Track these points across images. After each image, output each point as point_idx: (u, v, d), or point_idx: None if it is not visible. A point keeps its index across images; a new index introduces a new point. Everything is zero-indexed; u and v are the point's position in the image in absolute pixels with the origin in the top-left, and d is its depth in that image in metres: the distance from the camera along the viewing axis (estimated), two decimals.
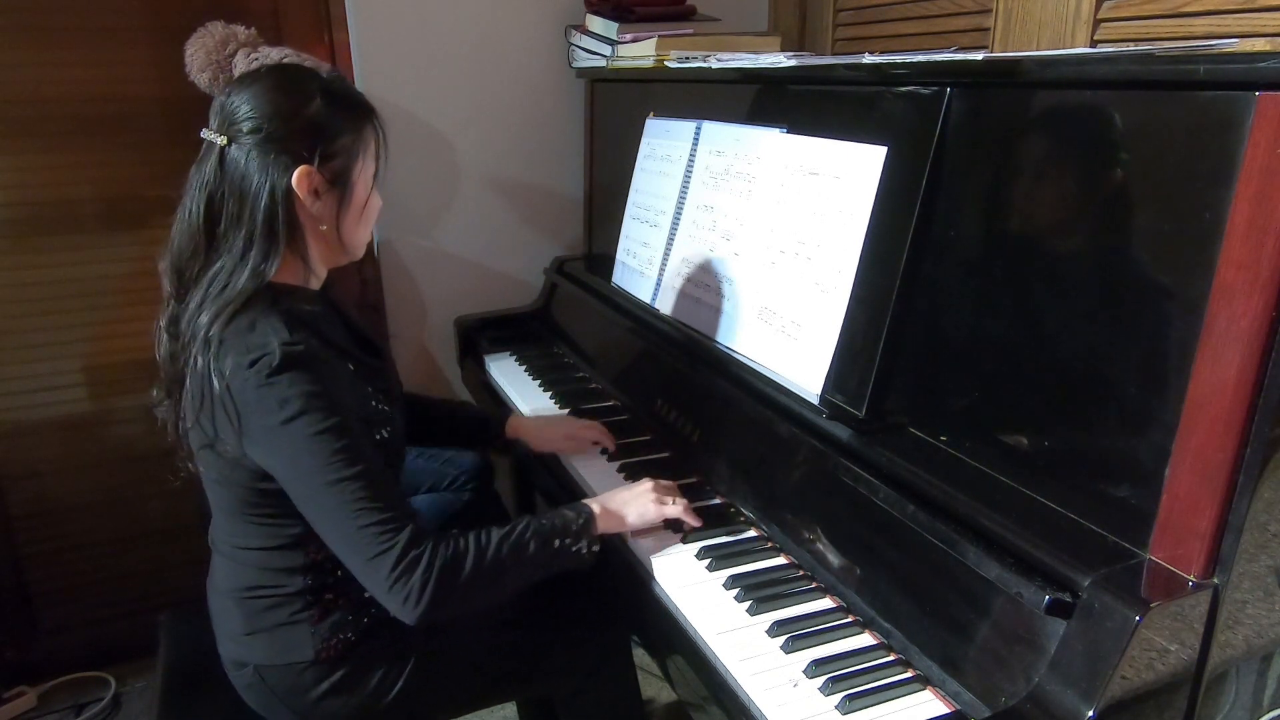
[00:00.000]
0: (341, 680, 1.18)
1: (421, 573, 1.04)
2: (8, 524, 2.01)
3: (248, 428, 1.04)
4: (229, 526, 1.17)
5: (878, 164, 1.19)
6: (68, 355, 1.99)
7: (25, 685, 2.06)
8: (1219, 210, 0.80)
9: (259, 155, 1.07)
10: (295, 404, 1.02)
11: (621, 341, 1.78)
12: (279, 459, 1.05)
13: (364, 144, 1.15)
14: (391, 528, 1.04)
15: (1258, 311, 0.78)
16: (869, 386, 1.18)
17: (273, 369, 1.01)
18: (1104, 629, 0.81)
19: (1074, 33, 1.44)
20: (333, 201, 1.13)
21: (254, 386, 1.02)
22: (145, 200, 1.95)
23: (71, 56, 1.83)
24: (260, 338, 1.03)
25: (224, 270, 1.07)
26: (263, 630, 1.17)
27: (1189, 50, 0.84)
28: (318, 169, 1.09)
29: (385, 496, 1.06)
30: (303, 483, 1.05)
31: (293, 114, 1.08)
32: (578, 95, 2.21)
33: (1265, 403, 0.79)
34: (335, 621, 1.17)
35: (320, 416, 1.03)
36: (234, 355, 1.03)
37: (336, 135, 1.11)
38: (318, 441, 1.03)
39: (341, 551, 1.07)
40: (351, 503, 1.03)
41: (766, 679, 1.01)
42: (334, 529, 1.06)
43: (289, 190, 1.08)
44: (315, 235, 1.14)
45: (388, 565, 1.04)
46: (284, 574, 1.16)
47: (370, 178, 1.17)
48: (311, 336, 1.08)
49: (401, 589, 1.04)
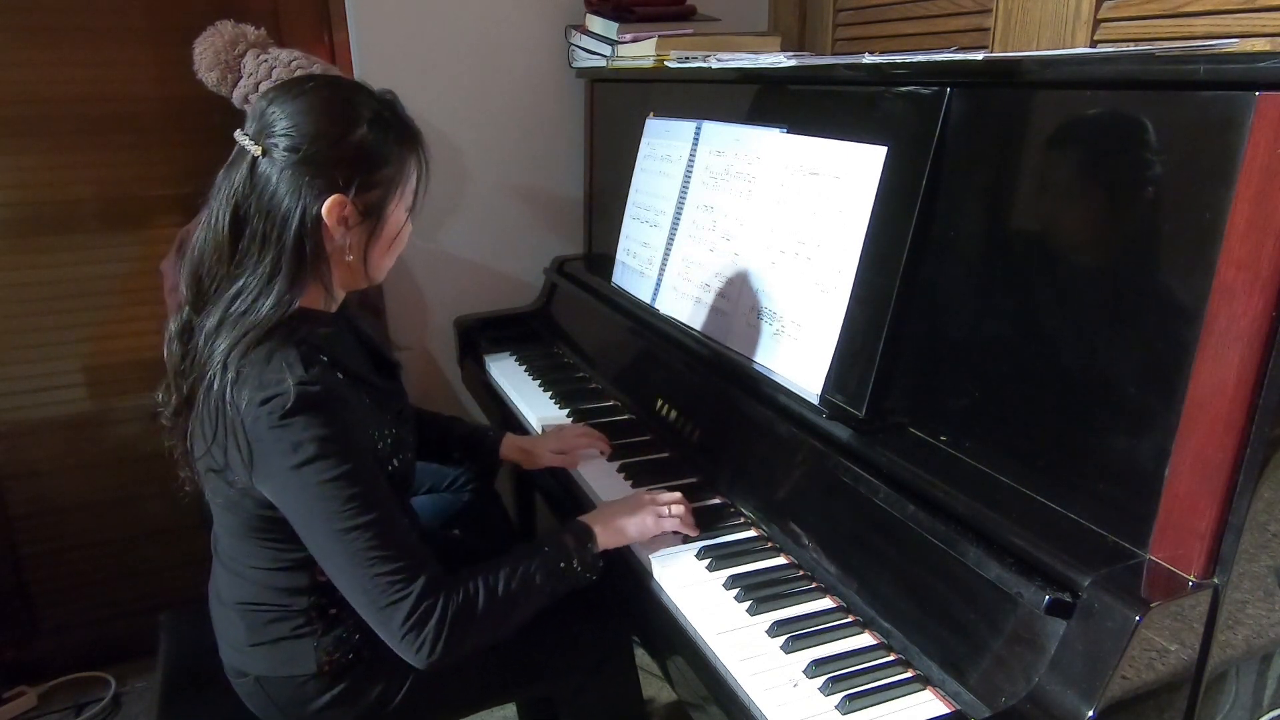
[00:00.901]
0: (343, 693, 1.17)
1: (435, 623, 1.03)
2: (8, 524, 2.01)
3: (258, 465, 1.01)
4: (234, 546, 1.16)
5: (878, 164, 1.19)
6: (68, 355, 1.99)
7: (25, 685, 2.06)
8: (1219, 210, 0.80)
9: (293, 175, 1.02)
10: (308, 449, 0.99)
11: (621, 341, 1.78)
12: (289, 501, 1.03)
13: (405, 176, 1.10)
14: (404, 577, 1.02)
15: (1258, 311, 0.78)
16: (869, 386, 1.18)
17: (286, 410, 0.98)
18: (1104, 629, 0.81)
19: (1074, 33, 1.44)
20: (363, 233, 1.08)
21: (266, 426, 0.99)
22: (145, 200, 1.95)
23: (71, 56, 1.83)
24: (275, 373, 0.99)
25: (247, 292, 1.03)
26: (265, 643, 1.16)
27: (1189, 50, 0.84)
28: (352, 200, 1.04)
29: (398, 544, 1.03)
30: (313, 528, 1.03)
31: (336, 139, 1.03)
32: (578, 95, 2.21)
33: (1265, 403, 0.79)
34: (338, 636, 1.16)
35: (334, 463, 1.00)
36: (249, 389, 0.99)
37: (378, 167, 1.06)
38: (330, 488, 1.00)
39: (353, 597, 1.05)
40: (364, 551, 1.01)
41: (766, 679, 1.01)
42: (345, 576, 1.04)
43: (318, 216, 1.03)
44: (340, 264, 1.10)
45: (401, 615, 1.02)
46: (288, 593, 1.14)
47: (406, 210, 1.12)
48: (328, 370, 1.04)
49: (415, 639, 1.03)
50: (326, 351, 1.06)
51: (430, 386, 2.27)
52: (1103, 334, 0.93)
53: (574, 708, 1.40)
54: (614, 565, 1.28)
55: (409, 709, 1.21)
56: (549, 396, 1.81)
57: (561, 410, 1.74)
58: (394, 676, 1.20)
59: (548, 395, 1.82)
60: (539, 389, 1.85)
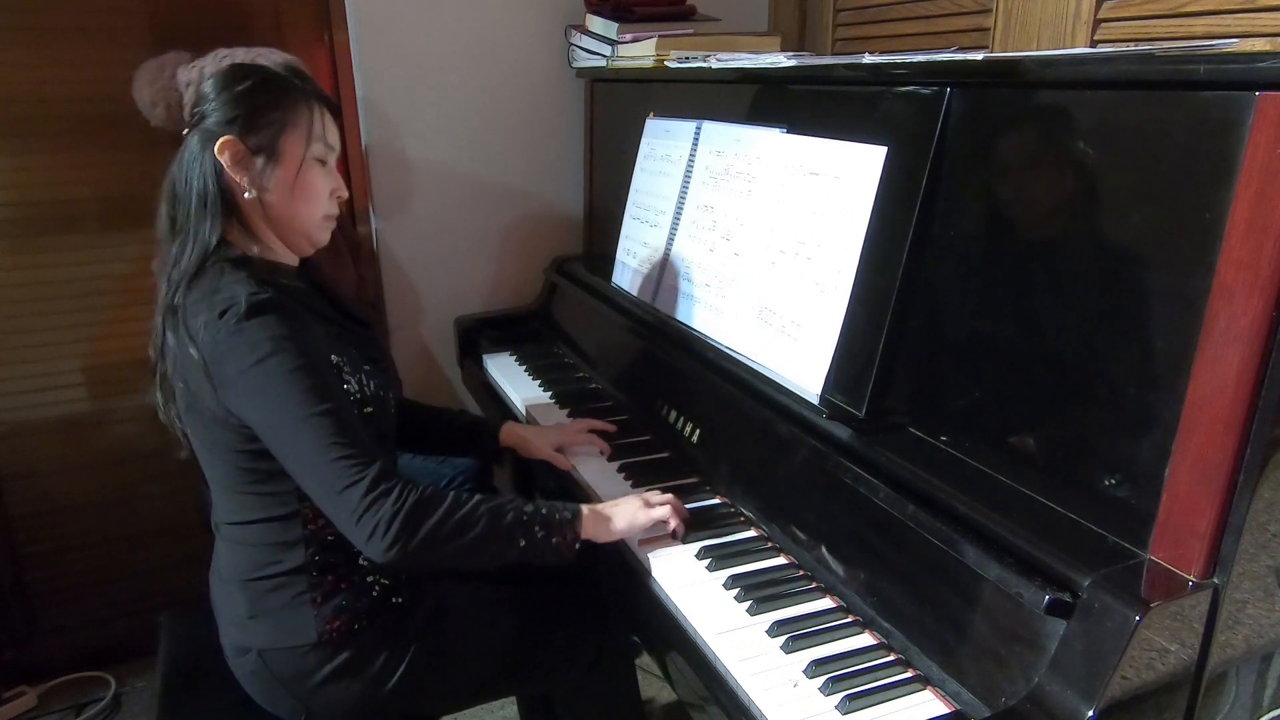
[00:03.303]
0: (344, 664, 1.18)
1: (391, 505, 1.06)
2: (8, 524, 2.01)
3: (221, 377, 1.07)
4: (227, 503, 1.19)
5: (878, 164, 1.19)
6: (68, 355, 1.99)
7: (25, 685, 2.06)
8: (1219, 210, 0.80)
9: (199, 139, 1.14)
10: (265, 345, 1.06)
11: (621, 341, 1.78)
12: (252, 402, 1.08)
13: (294, 119, 1.18)
14: (362, 461, 1.07)
15: (1258, 311, 0.78)
16: (869, 386, 1.18)
17: (240, 315, 1.06)
18: (1104, 629, 0.81)
19: (1074, 33, 1.44)
20: (255, 169, 1.16)
21: (225, 335, 1.06)
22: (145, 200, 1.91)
23: (71, 56, 1.83)
24: (226, 292, 1.08)
25: (183, 253, 1.13)
26: (266, 613, 1.18)
27: (1189, 50, 0.84)
28: (240, 138, 1.14)
29: (355, 434, 1.09)
30: (276, 421, 1.07)
31: (225, 97, 1.15)
32: (578, 95, 2.21)
33: (1265, 403, 0.79)
34: (337, 604, 1.18)
35: (290, 357, 1.06)
36: (203, 314, 1.07)
37: (262, 110, 1.16)
38: (290, 379, 1.06)
39: (312, 488, 1.09)
40: (323, 437, 1.06)
41: (766, 679, 1.01)
42: (306, 464, 1.08)
43: (214, 160, 1.13)
44: (249, 205, 1.18)
45: (356, 495, 1.06)
46: (284, 548, 1.17)
47: (301, 152, 1.19)
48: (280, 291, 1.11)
49: (370, 520, 1.06)
50: (275, 283, 1.14)
51: (430, 386, 2.27)
52: (1103, 334, 0.93)
53: (573, 706, 1.40)
54: (614, 564, 1.28)
55: (408, 688, 1.22)
56: (549, 396, 1.81)
57: (561, 410, 1.74)
58: (395, 649, 1.21)
59: (548, 395, 1.82)
60: (539, 389, 1.85)
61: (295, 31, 1.98)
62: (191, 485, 1.85)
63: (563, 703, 1.41)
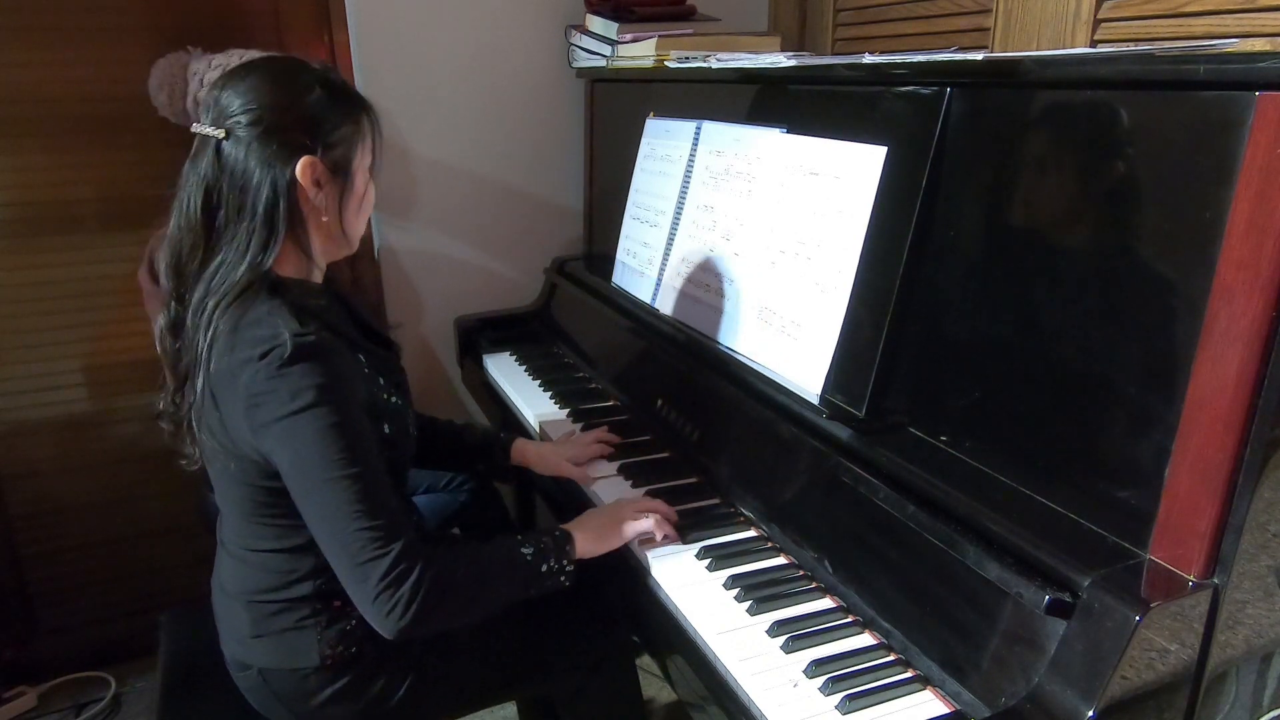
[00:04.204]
0: (345, 687, 1.17)
1: (410, 586, 1.03)
2: (8, 524, 2.01)
3: (257, 419, 1.03)
4: (240, 528, 1.17)
5: (878, 164, 1.19)
6: (68, 355, 1.99)
7: (25, 685, 2.06)
8: (1219, 210, 0.80)
9: (260, 147, 1.06)
10: (307, 395, 1.01)
11: (621, 341, 1.78)
12: (284, 450, 1.04)
13: (362, 134, 1.15)
14: (385, 535, 1.03)
15: (1258, 311, 0.78)
16: (869, 386, 1.18)
17: (284, 360, 1.00)
18: (1104, 629, 0.81)
19: (1074, 33, 1.44)
20: (334, 192, 1.13)
21: (265, 378, 1.01)
22: (145, 200, 1.95)
23: (71, 56, 1.83)
24: (270, 329, 1.02)
25: (226, 265, 1.07)
26: (269, 634, 1.16)
27: (1189, 50, 0.84)
28: (320, 159, 1.09)
29: (383, 503, 1.04)
30: (304, 476, 1.03)
31: (292, 104, 1.08)
32: (578, 95, 2.21)
33: (1265, 403, 0.79)
34: (342, 629, 1.16)
35: (330, 410, 1.02)
36: (244, 348, 1.02)
37: (337, 125, 1.11)
38: (325, 436, 1.02)
39: (332, 552, 1.05)
40: (350, 503, 1.02)
41: (766, 679, 1.01)
42: (328, 527, 1.04)
43: (292, 181, 1.07)
44: (317, 226, 1.13)
45: (378, 573, 1.02)
46: (293, 576, 1.15)
47: (368, 168, 1.17)
48: (322, 328, 1.07)
49: (387, 600, 1.02)
50: (317, 314, 1.09)
51: (430, 386, 2.27)
52: (1103, 334, 0.93)
53: (574, 707, 1.40)
54: (614, 565, 1.28)
55: (409, 706, 1.22)
56: (549, 396, 1.81)
57: (561, 410, 1.74)
58: (395, 672, 1.20)
59: (548, 395, 1.82)
60: (539, 389, 1.85)
61: (295, 31, 1.98)
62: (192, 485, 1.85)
63: (564, 704, 1.41)
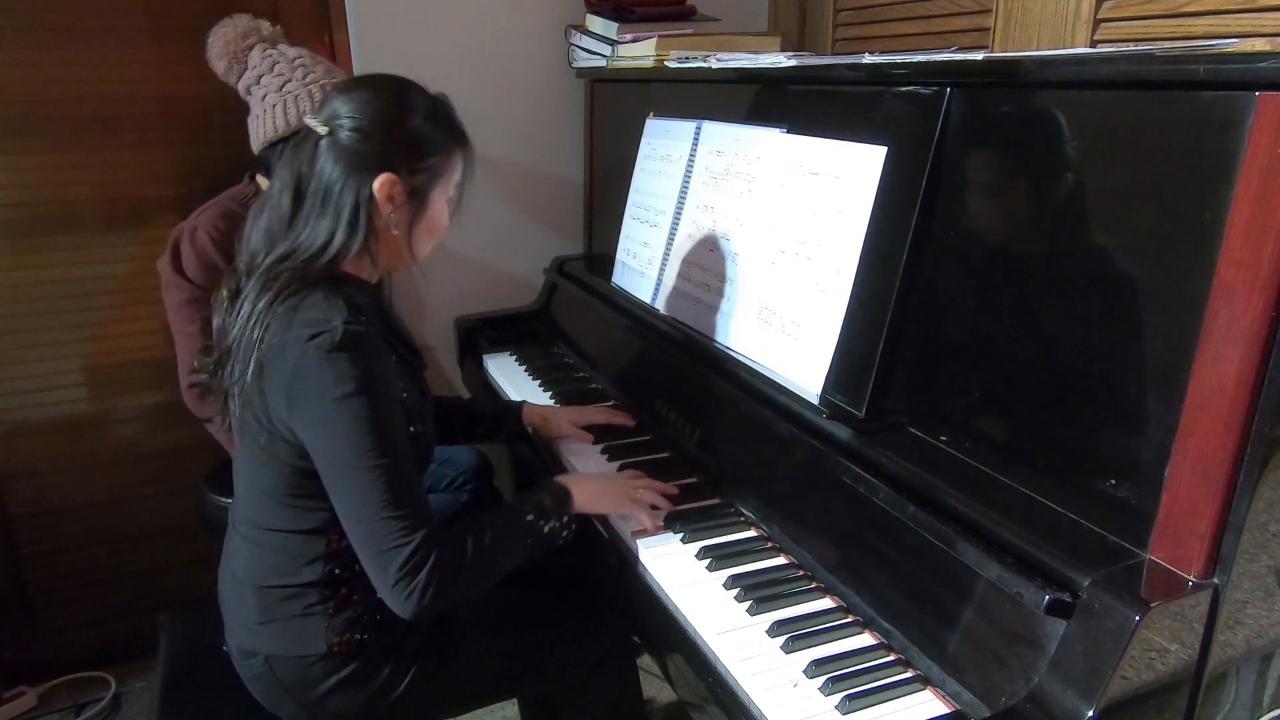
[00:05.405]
0: (350, 675, 1.18)
1: (426, 573, 1.06)
2: (8, 524, 2.01)
3: (299, 399, 1.07)
4: (257, 506, 1.18)
5: (878, 164, 1.19)
6: (68, 355, 1.99)
7: (25, 685, 2.06)
8: (1219, 210, 0.80)
9: (353, 154, 1.12)
10: (349, 384, 1.05)
11: (621, 341, 1.78)
12: (321, 435, 1.07)
13: (450, 168, 1.21)
14: (410, 525, 1.06)
15: (1258, 311, 0.78)
16: (869, 386, 1.18)
17: (333, 345, 1.04)
18: (1104, 629, 0.81)
19: (1074, 33, 1.44)
20: (407, 213, 1.17)
21: (314, 360, 1.05)
22: (145, 200, 1.95)
23: (71, 56, 1.83)
24: (323, 314, 1.07)
25: (300, 251, 1.12)
26: (277, 620, 1.18)
27: (1189, 50, 0.84)
28: (401, 180, 1.14)
29: (410, 493, 1.08)
30: (338, 463, 1.07)
31: (394, 125, 1.14)
32: (578, 95, 2.21)
33: (1265, 403, 0.79)
34: (349, 617, 1.18)
35: (370, 401, 1.06)
36: (296, 328, 1.06)
37: (428, 154, 1.17)
38: (363, 425, 1.05)
39: (357, 536, 1.09)
40: (380, 491, 1.06)
41: (766, 679, 1.01)
42: (357, 514, 1.07)
43: (370, 193, 1.13)
44: (387, 238, 1.18)
45: (399, 561, 1.05)
46: (305, 560, 1.17)
47: (445, 197, 1.23)
48: (371, 322, 1.11)
49: (405, 586, 1.06)
50: (365, 311, 1.12)
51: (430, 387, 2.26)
52: (1102, 334, 0.93)
53: (574, 706, 1.40)
54: (614, 565, 1.28)
55: (412, 698, 1.22)
56: (549, 396, 1.81)
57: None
58: (400, 661, 1.21)
59: (548, 395, 1.82)
60: (539, 389, 1.85)
61: (295, 31, 1.97)
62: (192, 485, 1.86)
63: (564, 703, 1.41)
